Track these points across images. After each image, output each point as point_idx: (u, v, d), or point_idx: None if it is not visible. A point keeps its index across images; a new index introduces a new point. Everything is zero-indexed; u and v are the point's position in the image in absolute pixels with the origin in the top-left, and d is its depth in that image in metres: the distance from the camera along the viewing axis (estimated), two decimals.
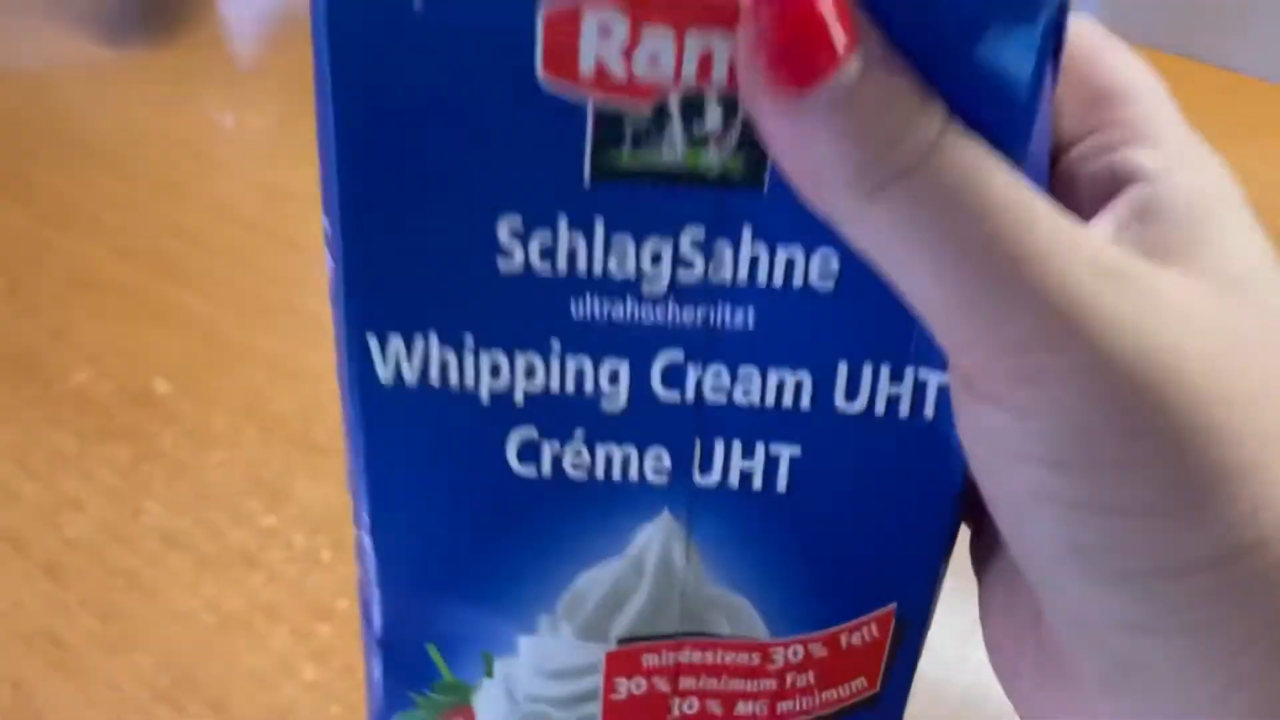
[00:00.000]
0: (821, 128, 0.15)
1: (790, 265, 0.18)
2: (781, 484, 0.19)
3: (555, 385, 0.19)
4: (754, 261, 0.18)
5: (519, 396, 0.19)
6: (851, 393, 0.19)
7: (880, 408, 0.19)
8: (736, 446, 0.19)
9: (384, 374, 0.19)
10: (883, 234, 0.15)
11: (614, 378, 0.19)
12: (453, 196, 0.17)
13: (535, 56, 0.16)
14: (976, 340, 0.15)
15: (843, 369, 0.18)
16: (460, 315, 0.18)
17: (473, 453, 0.19)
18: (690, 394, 0.19)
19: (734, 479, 0.19)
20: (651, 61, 0.16)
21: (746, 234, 0.18)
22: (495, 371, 0.19)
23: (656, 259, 0.18)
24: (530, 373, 0.19)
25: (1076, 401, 0.15)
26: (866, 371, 0.18)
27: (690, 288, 0.18)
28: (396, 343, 0.18)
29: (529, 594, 0.20)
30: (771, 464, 0.19)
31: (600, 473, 0.19)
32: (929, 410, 0.19)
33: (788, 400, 0.19)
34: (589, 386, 0.19)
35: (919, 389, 0.19)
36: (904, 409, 0.19)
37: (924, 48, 0.15)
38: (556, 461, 0.19)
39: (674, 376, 0.19)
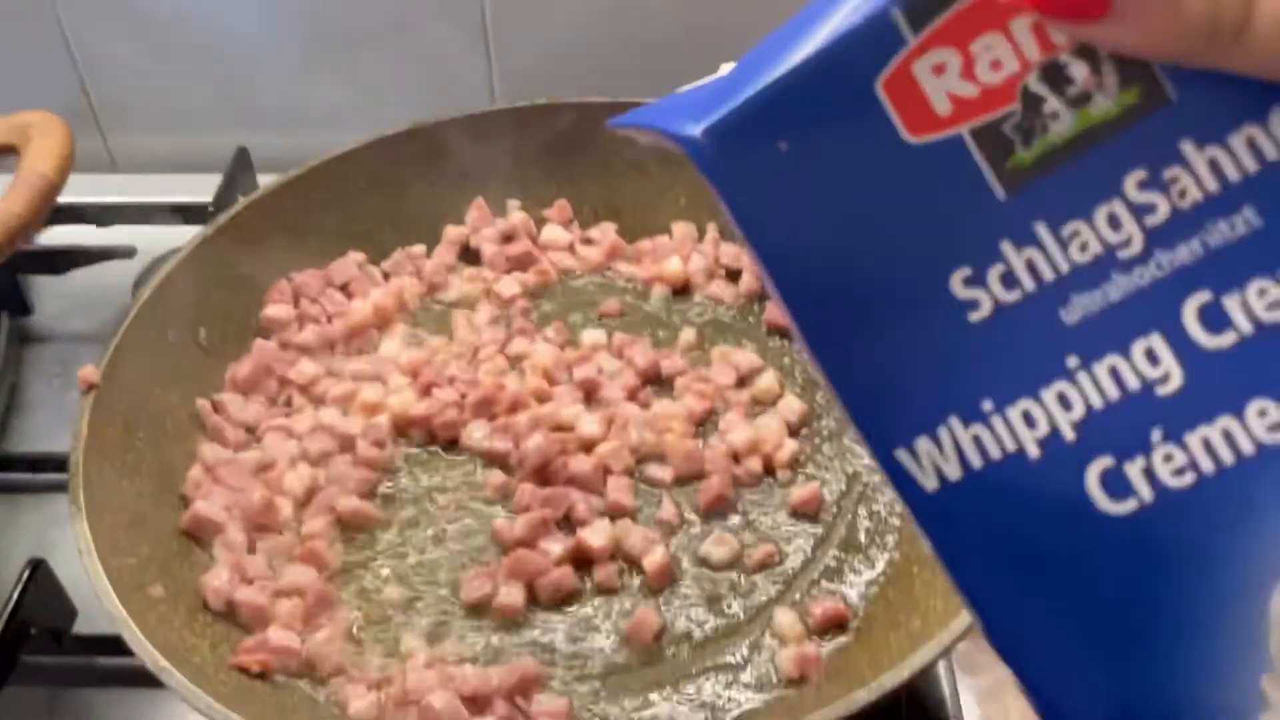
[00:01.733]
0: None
1: (1251, 141, 0.16)
2: None
3: (1096, 400, 0.17)
4: (1214, 164, 0.16)
5: (1068, 432, 0.17)
6: None
7: None
8: None
9: (928, 481, 0.18)
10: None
11: (1152, 356, 0.17)
12: (895, 284, 0.18)
13: (897, 129, 0.18)
14: None
15: None
16: (966, 386, 0.18)
17: (1055, 517, 0.17)
18: (1243, 321, 0.16)
19: None
20: (993, 65, 0.17)
21: (1188, 148, 0.17)
22: (1030, 420, 0.17)
23: (1115, 223, 0.17)
24: (1065, 402, 0.17)
25: None
26: None
27: (1167, 226, 0.17)
28: (926, 445, 0.18)
29: (1221, 657, 0.16)
30: None
31: (1206, 464, 0.16)
32: None
33: None
34: (1132, 381, 0.17)
35: None
36: None
37: None
38: (1150, 478, 0.17)
39: (1212, 315, 0.16)
